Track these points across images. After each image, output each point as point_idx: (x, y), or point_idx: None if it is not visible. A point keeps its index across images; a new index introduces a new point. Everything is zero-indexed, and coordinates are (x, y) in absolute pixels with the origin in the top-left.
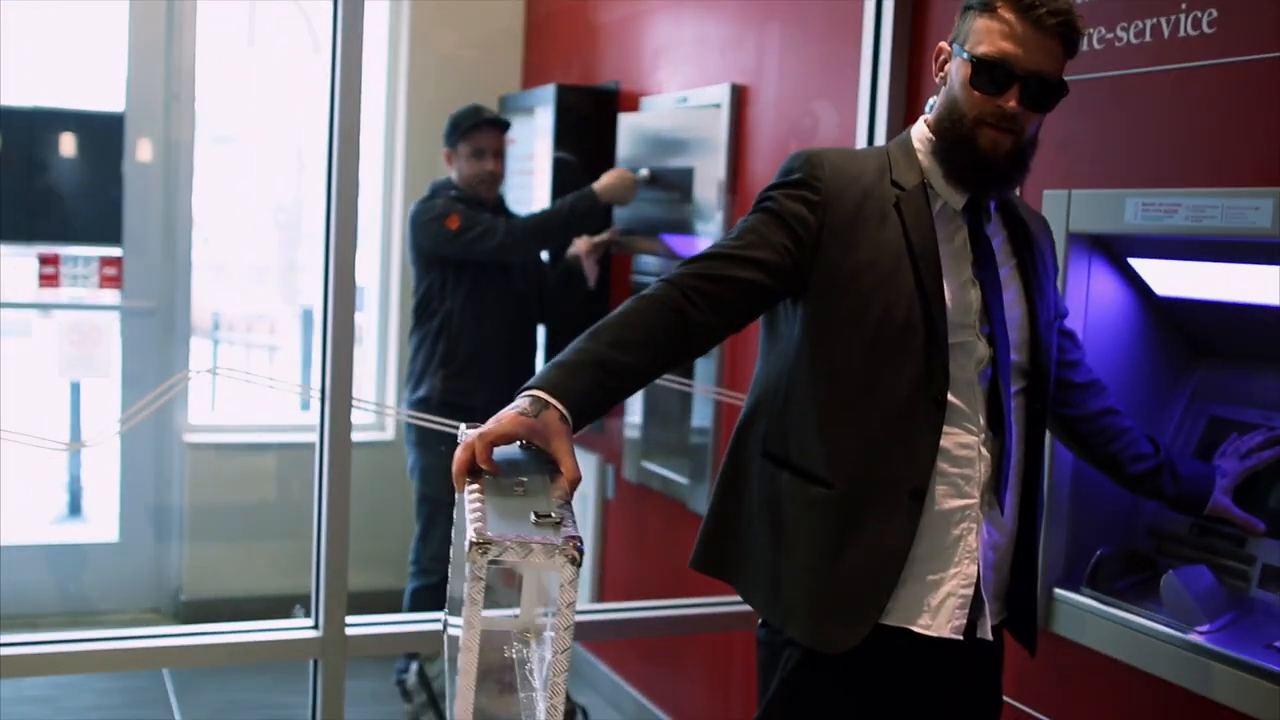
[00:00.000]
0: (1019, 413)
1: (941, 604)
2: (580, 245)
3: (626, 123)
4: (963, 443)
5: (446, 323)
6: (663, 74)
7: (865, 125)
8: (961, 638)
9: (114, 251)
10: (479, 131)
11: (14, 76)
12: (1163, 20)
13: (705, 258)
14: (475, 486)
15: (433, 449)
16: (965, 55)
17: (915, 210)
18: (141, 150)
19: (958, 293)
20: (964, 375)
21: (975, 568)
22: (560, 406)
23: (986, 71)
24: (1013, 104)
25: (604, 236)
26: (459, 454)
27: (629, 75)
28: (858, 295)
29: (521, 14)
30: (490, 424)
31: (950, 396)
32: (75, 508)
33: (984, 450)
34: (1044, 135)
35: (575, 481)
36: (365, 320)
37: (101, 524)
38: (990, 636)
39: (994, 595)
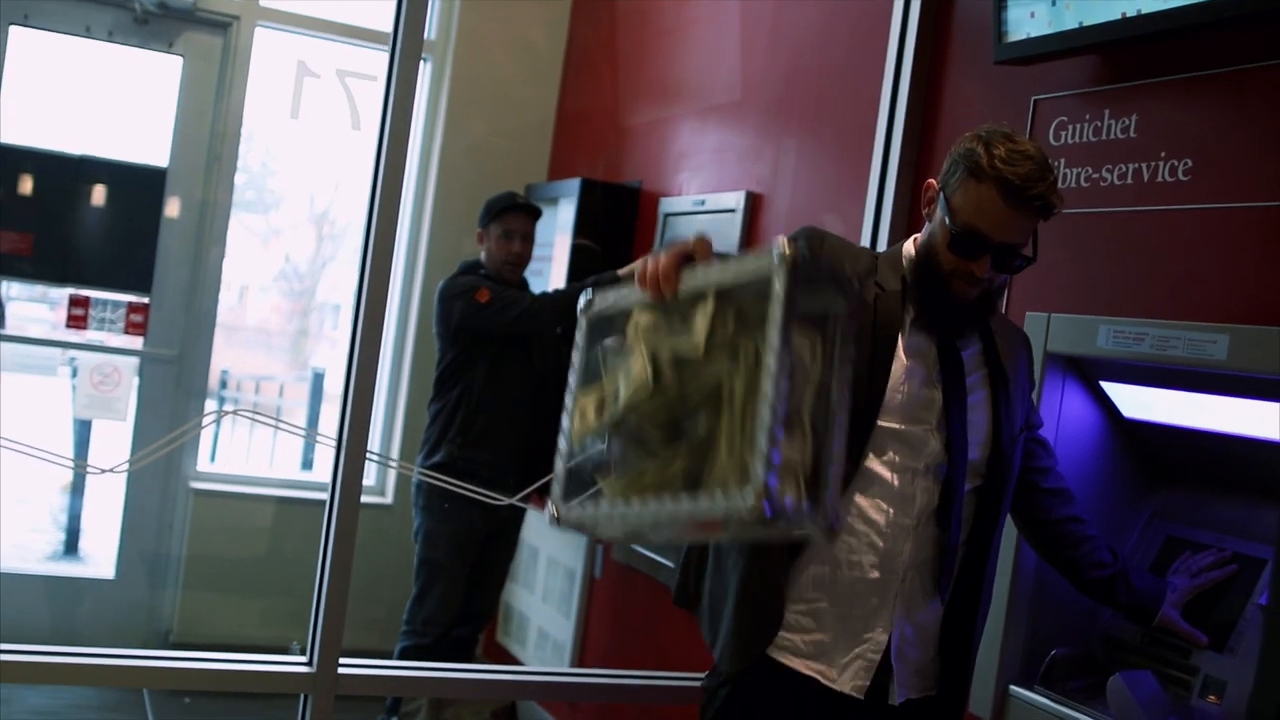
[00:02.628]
0: (968, 508)
1: (849, 663)
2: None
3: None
4: (894, 523)
5: (467, 393)
6: (683, 177)
7: (869, 238)
8: (862, 697)
9: (142, 299)
10: (511, 215)
11: (65, 123)
12: (1144, 166)
13: None
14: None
15: (438, 514)
16: (948, 222)
17: (888, 310)
18: (179, 206)
19: (918, 390)
20: (907, 463)
21: (887, 637)
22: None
23: (964, 241)
24: (986, 271)
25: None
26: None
27: (651, 175)
28: None
29: (554, 108)
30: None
31: (886, 478)
32: (72, 546)
33: (915, 535)
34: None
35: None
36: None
37: (96, 564)
38: (896, 701)
39: (914, 670)
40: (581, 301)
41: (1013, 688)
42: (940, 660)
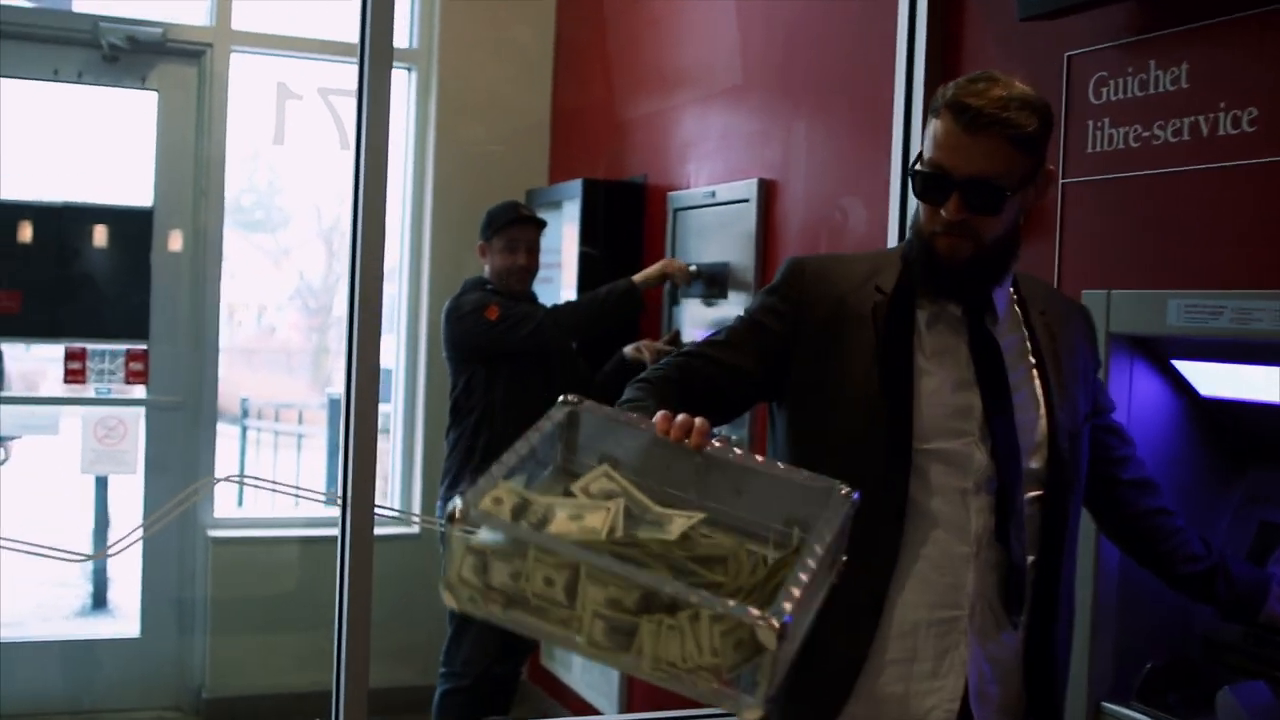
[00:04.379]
0: (1032, 522)
1: (927, 716)
2: (644, 346)
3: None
4: (949, 553)
5: (485, 418)
6: (690, 168)
7: (896, 221)
8: None
9: (140, 345)
10: (514, 227)
11: (43, 172)
12: (1201, 119)
13: (685, 354)
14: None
15: None
16: (915, 165)
17: (892, 314)
18: (169, 245)
19: (949, 398)
20: (952, 484)
21: (963, 681)
22: None
23: (925, 182)
24: (956, 212)
25: (667, 345)
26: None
27: (656, 169)
28: (824, 405)
29: (548, 108)
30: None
31: (933, 505)
32: (100, 600)
33: (976, 562)
34: (1080, 233)
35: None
36: (391, 412)
37: (127, 618)
38: None
39: (998, 709)
40: (563, 404)
41: (1106, 705)
42: (1026, 693)
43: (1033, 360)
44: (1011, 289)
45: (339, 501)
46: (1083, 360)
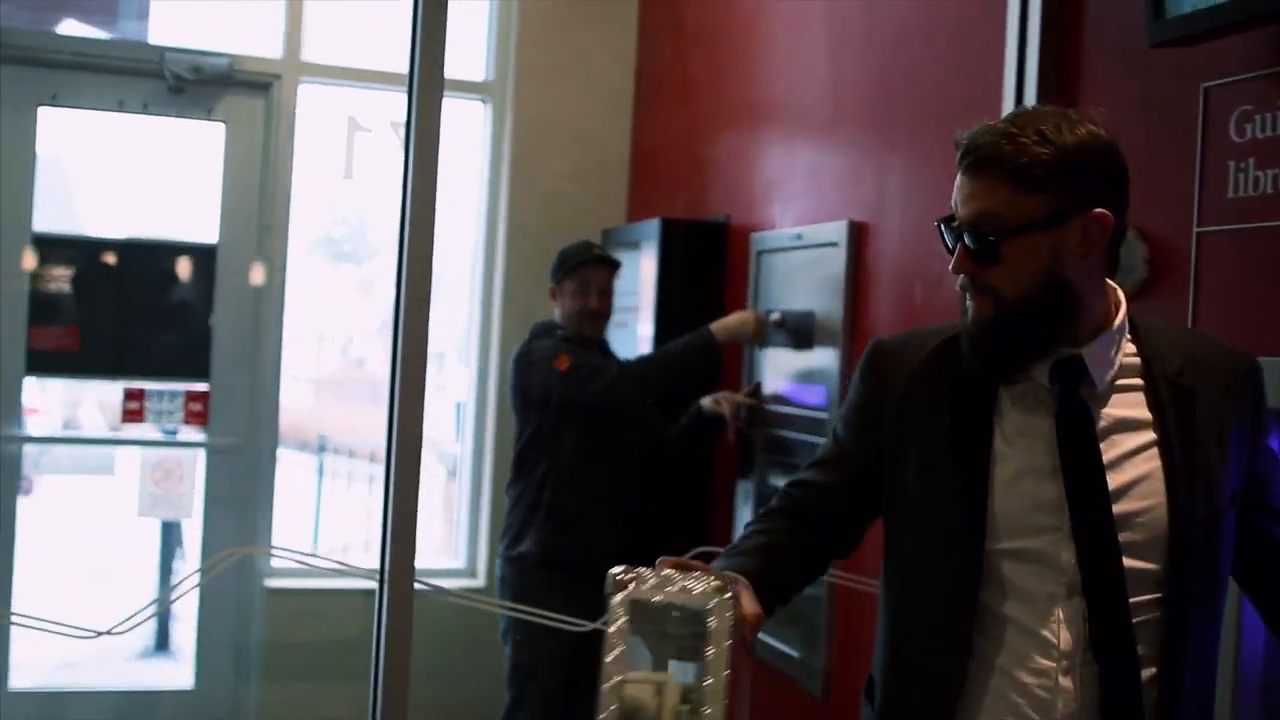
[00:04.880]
0: (1151, 631)
1: None
2: (724, 399)
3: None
4: (1031, 669)
5: (551, 473)
6: (775, 209)
7: None
8: None
9: (201, 386)
10: (587, 268)
11: (107, 205)
12: None
13: (790, 485)
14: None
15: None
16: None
17: (970, 390)
18: (233, 282)
19: (1031, 487)
20: (1036, 588)
21: None
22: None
23: (942, 234)
24: (960, 264)
25: (747, 398)
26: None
27: (739, 208)
28: (905, 502)
29: (628, 144)
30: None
31: (1012, 612)
32: (163, 642)
33: (1065, 681)
34: (1218, 289)
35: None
36: (457, 453)
37: (187, 660)
38: None
39: None
40: (610, 580)
41: None
42: None
43: (1153, 435)
44: (1131, 346)
45: (376, 580)
46: (1238, 425)
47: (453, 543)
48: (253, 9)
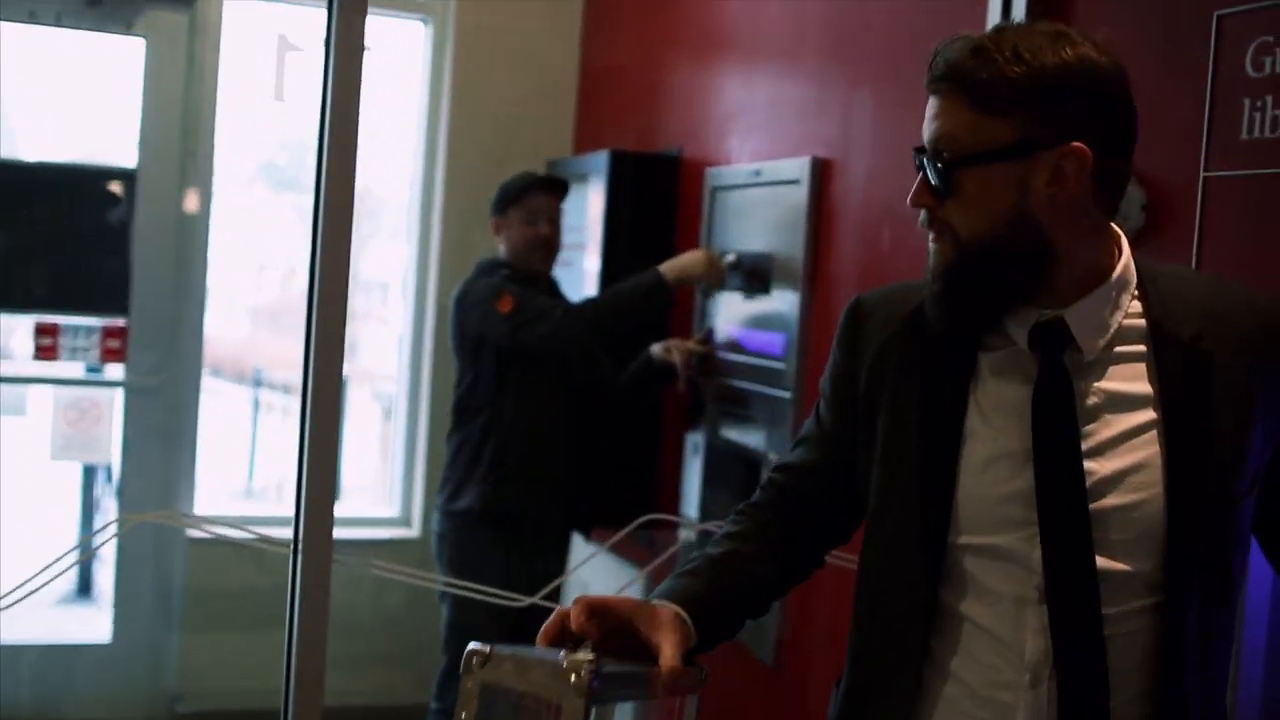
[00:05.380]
0: (1138, 642)
1: None
2: (674, 347)
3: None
4: (994, 680)
5: (494, 421)
6: (733, 142)
7: None
8: None
9: (119, 321)
10: (534, 194)
11: (14, 125)
12: None
13: (774, 470)
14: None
15: (469, 568)
16: None
17: (943, 358)
18: (155, 210)
19: (1005, 475)
20: (1008, 590)
21: None
22: (674, 606)
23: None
24: (916, 197)
25: (699, 345)
26: (550, 620)
27: (694, 141)
28: (869, 488)
29: (576, 69)
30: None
31: (978, 617)
32: (85, 588)
33: (1031, 695)
34: (1227, 239)
35: (672, 673)
36: (395, 397)
37: (108, 606)
38: None
39: None
40: (465, 658)
41: None
42: None
43: (1154, 415)
44: (1138, 305)
45: (290, 550)
46: (1266, 395)
47: (387, 489)
48: None
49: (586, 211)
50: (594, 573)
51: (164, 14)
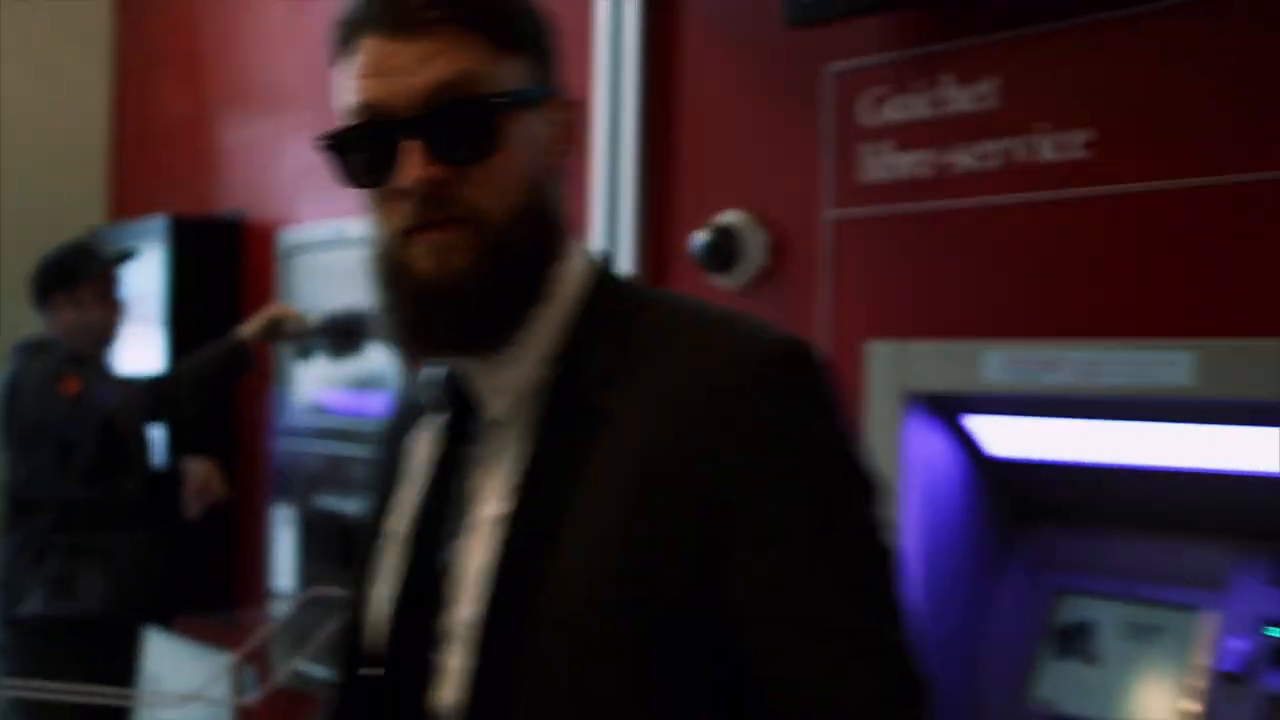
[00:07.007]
0: None
1: None
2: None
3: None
4: None
5: (65, 517)
6: (305, 202)
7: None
8: None
9: None
10: (108, 271)
11: None
12: (1020, 142)
13: None
14: None
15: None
16: (325, 139)
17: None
18: None
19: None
20: None
21: None
22: None
23: (356, 141)
24: (425, 166)
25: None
26: None
27: (259, 203)
28: None
29: (106, 135)
30: None
31: None
32: None
33: None
34: (855, 276)
35: None
36: None
37: None
38: None
39: None
40: None
41: None
42: None
43: (516, 480)
44: (570, 348)
45: None
46: (700, 481)
47: None
48: None
49: (141, 284)
50: (174, 666)
51: None
